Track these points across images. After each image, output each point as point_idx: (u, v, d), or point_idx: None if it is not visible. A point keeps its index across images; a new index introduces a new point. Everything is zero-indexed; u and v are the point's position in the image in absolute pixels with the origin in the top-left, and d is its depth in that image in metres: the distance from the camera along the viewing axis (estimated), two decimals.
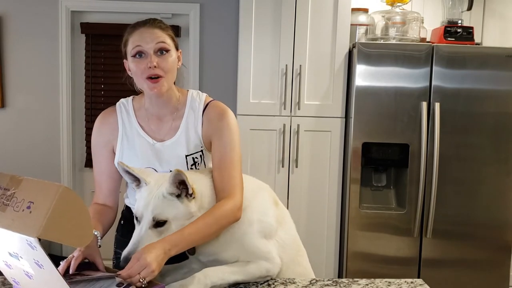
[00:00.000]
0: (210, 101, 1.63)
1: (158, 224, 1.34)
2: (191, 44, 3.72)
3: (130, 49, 1.53)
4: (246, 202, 1.50)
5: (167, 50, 1.52)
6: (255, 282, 1.50)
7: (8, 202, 1.03)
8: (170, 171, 1.54)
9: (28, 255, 1.04)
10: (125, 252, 1.31)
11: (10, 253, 1.09)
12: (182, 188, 1.37)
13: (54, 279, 1.06)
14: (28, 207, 1.00)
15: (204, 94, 1.65)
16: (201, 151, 1.61)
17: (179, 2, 3.69)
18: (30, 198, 1.01)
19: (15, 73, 3.74)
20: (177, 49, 1.59)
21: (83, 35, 3.76)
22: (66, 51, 3.71)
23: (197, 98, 1.63)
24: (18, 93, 3.75)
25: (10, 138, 3.77)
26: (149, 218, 1.34)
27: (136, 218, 1.39)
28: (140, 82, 1.55)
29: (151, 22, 1.54)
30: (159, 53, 1.51)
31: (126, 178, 1.46)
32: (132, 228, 1.52)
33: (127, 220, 1.72)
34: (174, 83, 1.65)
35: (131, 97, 1.68)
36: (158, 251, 1.27)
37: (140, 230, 1.34)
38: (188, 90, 1.66)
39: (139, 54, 1.51)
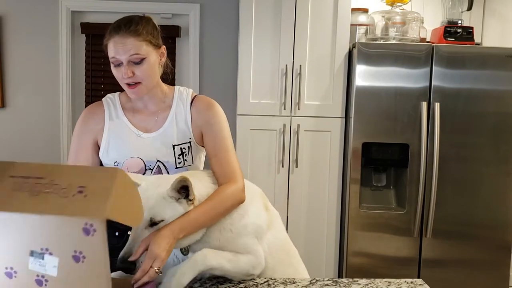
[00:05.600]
0: (196, 95, 1.71)
1: (155, 223, 1.35)
2: (191, 44, 3.72)
3: (109, 55, 1.57)
4: (244, 207, 1.53)
5: (143, 59, 1.55)
6: (255, 282, 1.50)
7: (48, 190, 1.01)
8: (158, 160, 1.61)
9: (68, 246, 0.98)
10: (122, 253, 1.32)
11: (33, 251, 1.01)
12: (182, 192, 1.39)
13: (95, 272, 1.00)
14: (80, 192, 0.99)
15: (191, 89, 1.72)
16: (189, 142, 1.64)
17: (179, 2, 3.69)
18: (78, 183, 1.01)
19: (15, 73, 3.73)
20: (159, 46, 1.62)
21: (83, 35, 3.76)
22: (66, 51, 3.71)
23: (184, 92, 1.70)
24: (18, 93, 3.75)
25: (10, 138, 3.77)
26: (146, 218, 1.35)
27: None
28: (122, 85, 1.61)
29: (125, 29, 1.54)
30: (134, 63, 1.54)
31: None
32: (109, 232, 1.53)
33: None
34: (170, 80, 1.70)
35: (117, 93, 1.73)
36: (166, 239, 1.31)
37: (136, 230, 1.35)
38: (174, 86, 1.72)
39: (116, 63, 1.56)
